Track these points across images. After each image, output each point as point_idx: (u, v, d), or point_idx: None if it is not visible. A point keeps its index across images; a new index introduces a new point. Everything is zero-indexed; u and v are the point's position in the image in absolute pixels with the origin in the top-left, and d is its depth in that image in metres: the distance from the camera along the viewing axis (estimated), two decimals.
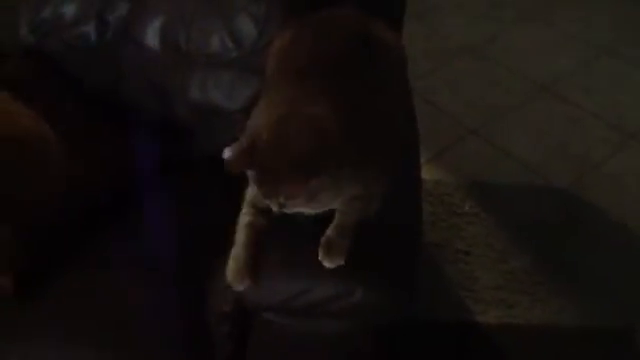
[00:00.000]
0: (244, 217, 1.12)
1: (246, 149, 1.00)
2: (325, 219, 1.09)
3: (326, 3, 1.42)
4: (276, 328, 1.14)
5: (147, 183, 1.41)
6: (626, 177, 2.08)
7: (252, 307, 1.13)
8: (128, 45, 1.53)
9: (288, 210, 1.03)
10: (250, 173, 1.03)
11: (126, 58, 1.54)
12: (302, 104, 1.05)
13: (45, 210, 1.27)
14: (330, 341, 1.16)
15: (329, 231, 1.09)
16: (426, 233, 1.82)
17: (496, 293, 1.79)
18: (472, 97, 2.40)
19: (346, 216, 1.09)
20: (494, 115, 2.33)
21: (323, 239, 1.08)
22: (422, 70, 2.43)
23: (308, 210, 1.06)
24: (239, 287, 1.08)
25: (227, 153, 1.31)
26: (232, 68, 1.50)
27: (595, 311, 1.74)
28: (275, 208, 1.03)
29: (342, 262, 1.06)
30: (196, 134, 1.52)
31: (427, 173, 1.56)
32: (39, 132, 1.30)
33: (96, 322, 1.20)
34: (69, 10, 1.53)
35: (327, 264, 1.06)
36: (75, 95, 1.50)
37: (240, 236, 1.10)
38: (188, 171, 1.46)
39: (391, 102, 1.20)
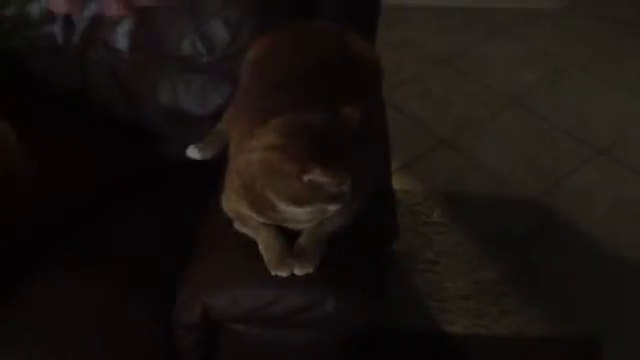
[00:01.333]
0: (251, 220, 1.10)
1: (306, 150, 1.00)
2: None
3: (300, 12, 1.42)
4: (244, 338, 1.13)
5: (115, 186, 1.38)
6: (593, 191, 2.10)
7: (219, 318, 1.10)
8: (96, 47, 1.50)
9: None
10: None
11: (94, 60, 1.50)
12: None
13: (10, 213, 1.23)
14: (300, 351, 1.14)
15: (302, 238, 1.08)
16: (395, 242, 1.82)
17: (464, 303, 1.80)
18: (442, 108, 2.41)
19: (320, 226, 1.08)
20: (464, 126, 2.34)
21: (296, 246, 1.07)
22: (393, 80, 2.43)
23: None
24: (283, 273, 1.05)
25: (191, 150, 1.31)
26: (203, 73, 1.48)
27: (562, 321, 1.75)
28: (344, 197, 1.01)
29: (311, 270, 1.04)
30: (165, 138, 1.49)
31: (396, 182, 1.56)
32: (1, 135, 1.26)
33: (60, 327, 1.16)
34: (34, 9, 1.49)
35: (297, 271, 1.04)
36: (40, 96, 1.47)
37: (262, 233, 1.08)
38: (157, 175, 1.43)
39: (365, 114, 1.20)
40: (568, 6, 2.90)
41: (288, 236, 1.09)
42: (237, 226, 1.13)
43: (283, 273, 1.05)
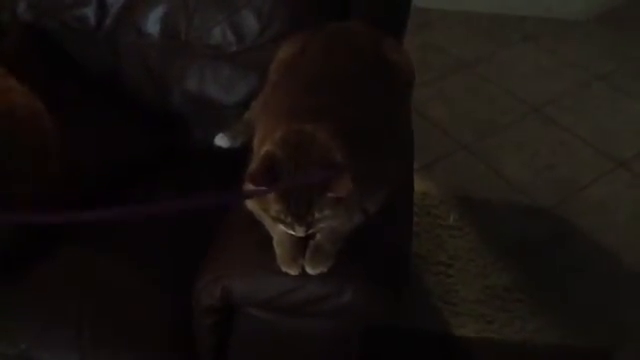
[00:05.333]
0: (267, 216, 1.07)
1: (264, 169, 0.96)
2: None
3: (332, 9, 1.42)
4: (260, 324, 1.13)
5: (140, 170, 1.39)
6: (610, 202, 2.10)
7: (238, 303, 1.11)
8: (128, 31, 1.52)
9: (315, 228, 1.00)
10: (273, 197, 0.99)
11: (125, 44, 1.53)
12: (308, 118, 1.03)
13: (43, 188, 1.25)
14: (314, 341, 1.15)
15: (319, 235, 1.06)
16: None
17: (476, 307, 1.80)
18: (465, 113, 2.42)
19: (339, 226, 1.07)
20: (485, 132, 2.34)
21: (312, 242, 1.06)
22: (417, 82, 2.43)
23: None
24: (292, 272, 1.04)
25: (219, 138, 1.31)
26: (231, 62, 1.50)
27: (573, 331, 1.75)
28: (301, 232, 1.00)
29: (325, 270, 1.04)
30: (191, 125, 1.51)
31: (415, 184, 1.57)
32: (33, 109, 1.28)
33: (78, 304, 1.18)
34: None
35: (310, 270, 1.04)
36: (72, 76, 1.49)
37: (276, 229, 1.07)
38: (181, 161, 1.44)
39: (392, 121, 1.20)
40: (596, 18, 2.89)
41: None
42: (257, 217, 1.13)
43: (292, 272, 1.04)
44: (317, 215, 0.98)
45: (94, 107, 1.42)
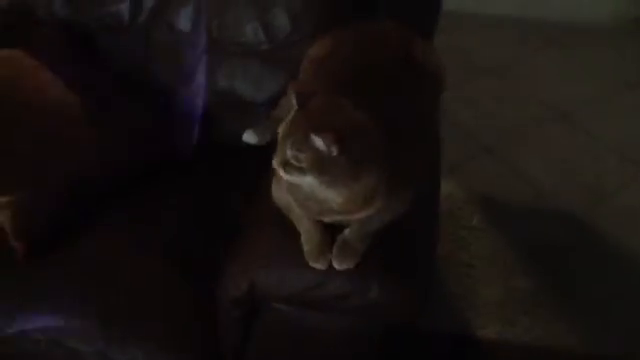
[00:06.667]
0: (295, 211, 1.10)
1: (299, 94, 1.01)
2: None
3: (363, 8, 1.43)
4: (284, 319, 1.15)
5: (170, 164, 1.42)
6: (636, 209, 2.08)
7: (264, 296, 1.13)
8: (161, 28, 1.54)
9: (294, 172, 0.99)
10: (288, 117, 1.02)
11: (158, 40, 1.55)
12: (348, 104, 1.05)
13: (73, 177, 1.28)
14: (337, 337, 1.16)
15: (347, 232, 1.08)
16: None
17: (497, 309, 1.80)
18: (490, 116, 2.41)
19: (368, 222, 1.08)
20: (510, 136, 2.34)
21: (339, 238, 1.08)
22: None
23: (316, 214, 1.06)
24: (320, 266, 1.06)
25: (247, 135, 1.33)
26: (261, 60, 1.51)
27: (596, 338, 1.74)
28: (288, 154, 0.98)
29: (351, 266, 1.05)
30: (220, 121, 1.53)
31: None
32: (68, 102, 1.32)
33: (105, 293, 1.21)
34: None
35: (337, 265, 1.06)
36: (104, 72, 1.52)
37: (304, 224, 1.09)
38: (210, 156, 1.46)
39: (422, 123, 1.21)
40: (620, 24, 2.86)
41: (335, 231, 1.09)
42: (285, 212, 1.15)
43: (320, 266, 1.06)
44: (292, 160, 0.97)
45: (126, 102, 1.44)
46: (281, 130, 1.02)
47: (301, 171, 0.98)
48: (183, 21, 1.53)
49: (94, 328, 1.19)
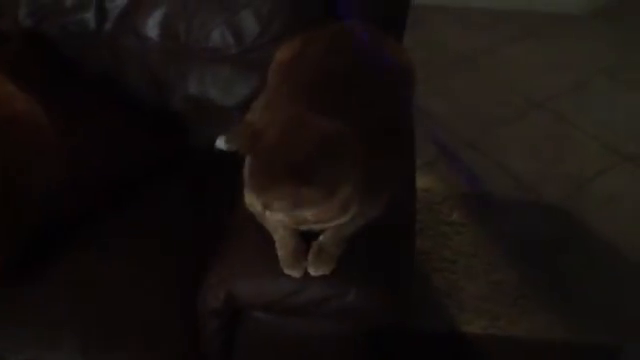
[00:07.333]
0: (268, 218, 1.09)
1: (251, 134, 1.00)
2: None
3: (332, 8, 1.42)
4: (266, 326, 1.13)
5: (143, 173, 1.39)
6: (617, 197, 2.08)
7: (243, 305, 1.11)
8: (128, 35, 1.52)
9: (271, 213, 1.01)
10: (247, 161, 1.02)
11: (125, 48, 1.52)
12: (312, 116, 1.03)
13: (41, 193, 1.25)
14: (319, 342, 1.15)
15: (323, 237, 1.07)
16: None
17: (481, 304, 1.79)
18: (467, 109, 2.41)
19: (343, 228, 1.07)
20: (488, 128, 2.34)
21: (314, 244, 1.07)
22: (418, 78, 2.43)
23: (292, 223, 1.05)
24: (296, 273, 1.05)
25: (219, 141, 1.32)
26: (231, 64, 1.50)
27: (582, 327, 1.74)
28: (258, 207, 1.01)
29: (327, 272, 1.04)
30: (192, 127, 1.51)
31: (417, 181, 1.57)
32: (34, 115, 1.29)
33: (82, 308, 1.18)
34: None
35: (312, 272, 1.04)
36: (73, 81, 1.49)
37: (279, 231, 1.08)
38: (184, 164, 1.44)
39: (395, 122, 1.20)
40: (596, 12, 2.88)
41: (310, 236, 1.08)
42: (259, 220, 1.13)
43: (295, 274, 1.05)
44: (270, 203, 0.98)
45: (96, 111, 1.42)
46: (244, 177, 1.02)
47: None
48: (150, 28, 1.51)
49: (75, 344, 1.16)
